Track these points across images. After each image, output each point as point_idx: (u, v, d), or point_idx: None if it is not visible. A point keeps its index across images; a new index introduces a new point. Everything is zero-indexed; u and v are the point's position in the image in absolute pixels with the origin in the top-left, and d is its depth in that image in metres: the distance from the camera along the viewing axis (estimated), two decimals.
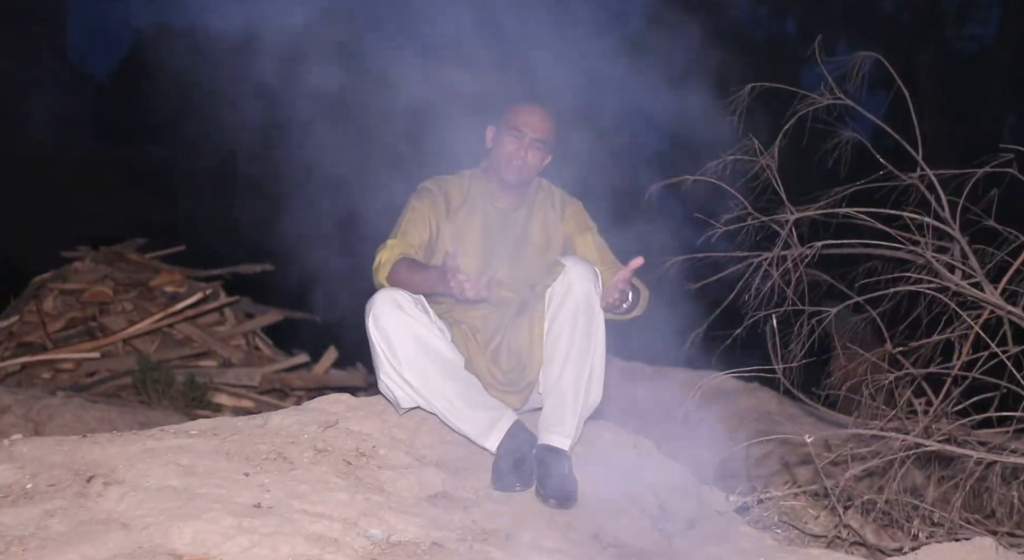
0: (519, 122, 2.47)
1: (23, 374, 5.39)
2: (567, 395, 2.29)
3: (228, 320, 6.18)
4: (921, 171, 2.90)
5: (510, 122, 2.48)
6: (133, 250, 6.53)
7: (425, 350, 2.26)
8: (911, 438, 2.60)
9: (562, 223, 2.57)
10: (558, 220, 2.57)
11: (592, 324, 2.30)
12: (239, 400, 5.40)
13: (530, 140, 2.46)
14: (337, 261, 5.12)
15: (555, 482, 2.18)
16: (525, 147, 2.46)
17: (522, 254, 2.52)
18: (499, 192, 2.54)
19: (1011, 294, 2.83)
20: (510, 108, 2.51)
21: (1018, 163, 2.79)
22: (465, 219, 2.51)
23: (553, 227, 2.56)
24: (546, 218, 2.57)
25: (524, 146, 2.46)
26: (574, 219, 2.58)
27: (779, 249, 2.97)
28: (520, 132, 2.46)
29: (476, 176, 2.58)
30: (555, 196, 2.61)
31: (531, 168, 2.49)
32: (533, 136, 2.46)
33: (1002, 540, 2.38)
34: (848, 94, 2.92)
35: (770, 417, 4.35)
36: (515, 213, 2.55)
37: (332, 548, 1.80)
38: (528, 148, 2.46)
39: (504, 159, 2.47)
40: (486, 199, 2.54)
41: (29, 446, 2.05)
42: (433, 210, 2.48)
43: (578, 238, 2.56)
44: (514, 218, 2.55)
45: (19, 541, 1.70)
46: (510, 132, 2.47)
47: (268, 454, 2.15)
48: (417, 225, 2.45)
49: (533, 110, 2.48)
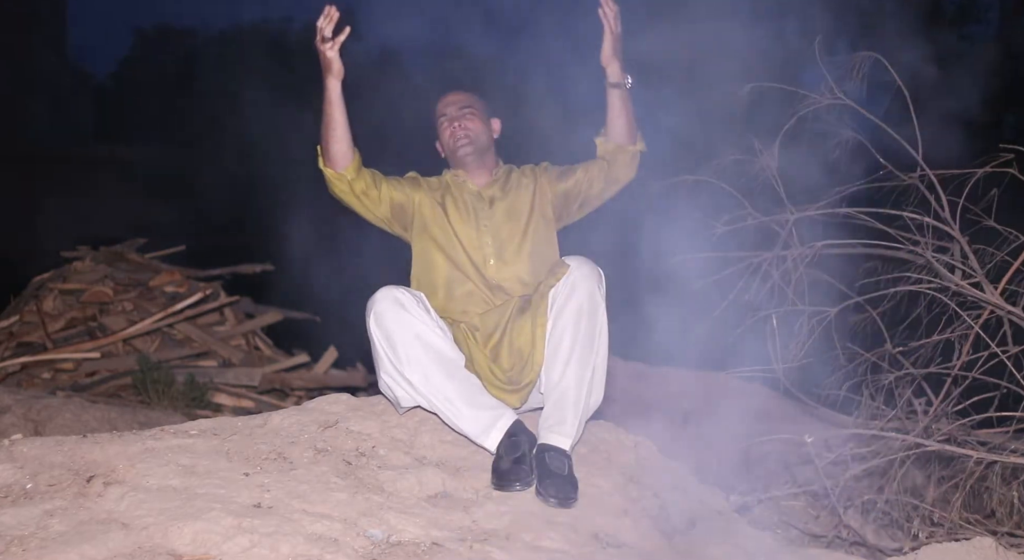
0: (440, 109, 2.64)
1: (23, 374, 5.39)
2: (569, 395, 2.28)
3: (228, 320, 6.18)
4: (921, 171, 2.91)
5: (435, 115, 2.65)
6: (133, 250, 6.53)
7: (426, 349, 2.26)
8: (911, 438, 2.60)
9: (536, 182, 2.63)
10: (532, 182, 2.64)
11: (595, 325, 2.30)
12: (239, 400, 5.40)
13: (458, 112, 2.60)
14: (337, 260, 5.12)
15: (555, 482, 2.17)
16: (457, 119, 2.60)
17: (511, 227, 2.57)
18: (468, 176, 2.64)
19: (1011, 294, 2.83)
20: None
21: (1018, 163, 2.79)
22: (444, 204, 2.58)
23: (528, 192, 2.62)
24: (520, 186, 2.63)
25: (455, 119, 2.60)
26: (548, 173, 2.66)
27: (779, 249, 2.97)
28: (444, 114, 2.62)
29: (447, 174, 2.69)
30: (525, 169, 2.70)
31: (477, 134, 2.61)
32: (455, 109, 2.61)
33: (1002, 540, 2.38)
34: (848, 94, 2.92)
35: (770, 417, 4.35)
36: (489, 191, 2.63)
37: (332, 548, 1.80)
38: (459, 120, 2.60)
39: (450, 142, 2.61)
40: (459, 186, 2.64)
41: (29, 446, 2.05)
42: (414, 185, 2.60)
43: (558, 180, 2.63)
44: (491, 195, 2.62)
45: (19, 541, 1.70)
46: (438, 121, 2.63)
47: (268, 454, 2.15)
48: (395, 178, 2.60)
49: (445, 94, 2.66)
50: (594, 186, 2.60)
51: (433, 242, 2.55)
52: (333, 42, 2.34)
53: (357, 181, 2.49)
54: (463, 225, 2.55)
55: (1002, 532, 2.61)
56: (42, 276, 6.22)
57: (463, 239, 2.53)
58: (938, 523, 2.59)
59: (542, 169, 2.68)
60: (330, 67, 2.36)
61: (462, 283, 2.51)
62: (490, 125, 2.66)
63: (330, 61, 2.35)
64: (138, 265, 6.34)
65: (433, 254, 2.54)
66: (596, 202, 2.65)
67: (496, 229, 2.55)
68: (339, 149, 2.43)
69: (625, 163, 2.57)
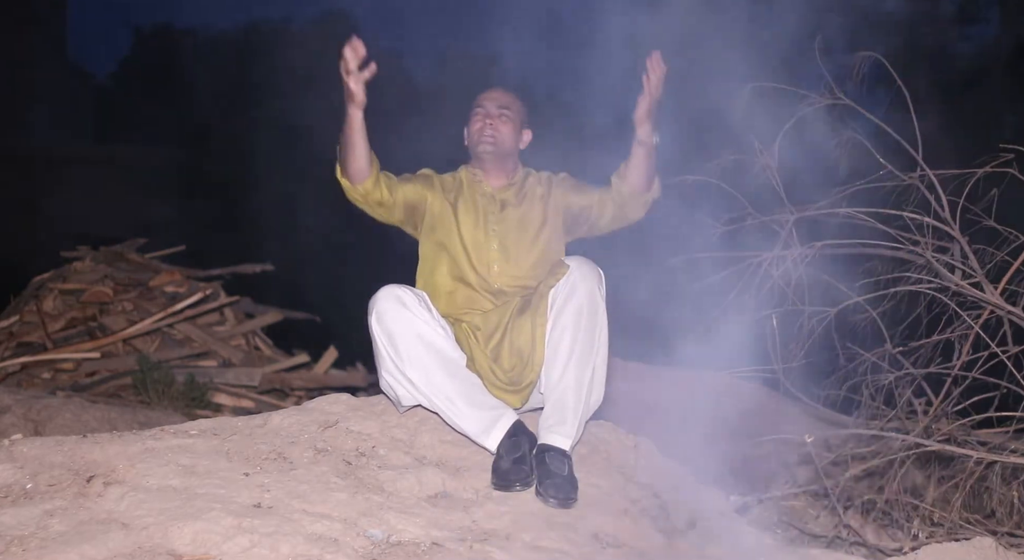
0: (480, 100, 2.60)
1: (23, 374, 5.39)
2: (568, 395, 2.28)
3: (228, 320, 6.19)
4: (921, 171, 2.91)
5: (473, 104, 2.61)
6: (133, 250, 6.53)
7: (427, 348, 2.26)
8: (911, 438, 2.60)
9: (551, 194, 2.62)
10: (547, 193, 2.63)
11: (595, 325, 2.30)
12: (239, 400, 5.40)
13: (495, 110, 2.57)
14: (337, 260, 5.12)
15: (555, 482, 2.17)
16: (492, 117, 2.56)
17: (520, 235, 2.56)
18: (485, 176, 2.62)
19: (1011, 294, 2.83)
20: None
21: (1018, 163, 2.79)
22: (456, 202, 2.57)
23: (543, 202, 2.61)
24: (534, 195, 2.62)
25: (490, 116, 2.56)
26: (563, 184, 2.65)
27: (779, 249, 2.97)
28: (482, 106, 2.58)
29: (464, 170, 2.67)
30: (542, 176, 2.68)
31: (504, 137, 2.57)
32: (495, 106, 2.57)
33: (1002, 540, 2.38)
34: (848, 94, 2.92)
35: (770, 417, 4.35)
36: (503, 194, 2.61)
37: (332, 548, 1.80)
38: (495, 118, 2.56)
39: (476, 136, 2.57)
40: (474, 186, 2.62)
41: (29, 446, 2.05)
42: (427, 183, 2.58)
43: (573, 194, 2.62)
44: (502, 199, 2.60)
45: (19, 541, 1.70)
46: (474, 113, 2.60)
47: (268, 454, 2.15)
48: (408, 178, 2.57)
49: (491, 89, 2.62)
50: (603, 218, 2.61)
51: (439, 244, 2.54)
52: (358, 75, 2.28)
53: (373, 192, 2.47)
54: (471, 228, 2.54)
55: (1002, 532, 2.61)
56: (42, 276, 6.22)
57: (469, 243, 2.52)
58: (938, 523, 2.59)
59: (560, 179, 2.66)
60: (353, 98, 2.31)
61: (464, 287, 2.50)
62: (520, 134, 2.62)
63: (353, 93, 2.30)
64: (138, 265, 6.35)
65: (438, 256, 2.54)
66: (602, 231, 2.65)
67: (504, 234, 2.54)
68: (358, 166, 2.42)
69: (637, 206, 2.58)
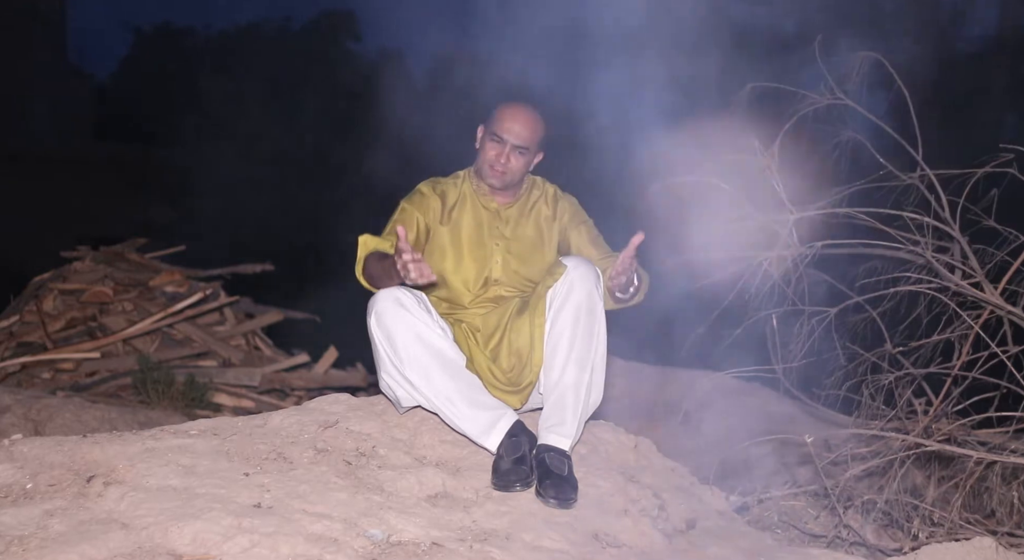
0: (501, 128, 2.43)
1: (23, 374, 5.39)
2: (568, 395, 2.28)
3: (228, 320, 6.18)
4: (921, 171, 2.91)
5: (492, 126, 2.44)
6: (133, 250, 6.53)
7: (427, 349, 2.26)
8: (911, 438, 2.60)
9: (556, 219, 2.57)
10: (552, 216, 2.57)
11: (594, 325, 2.30)
12: (239, 400, 5.40)
13: (511, 147, 2.43)
14: (337, 259, 5.11)
15: (555, 482, 2.18)
16: (506, 154, 2.43)
17: (517, 252, 2.52)
18: (490, 192, 2.54)
19: (1011, 294, 2.83)
20: (497, 108, 2.48)
21: (1018, 163, 2.79)
22: (458, 220, 2.51)
23: (547, 223, 2.57)
24: (539, 215, 2.57)
25: (505, 152, 2.43)
26: (568, 213, 2.58)
27: (779, 249, 2.97)
28: (500, 139, 2.43)
29: (469, 176, 2.58)
30: (548, 193, 2.61)
31: (515, 173, 2.47)
32: (514, 143, 2.42)
33: (1002, 540, 2.38)
34: (848, 94, 2.93)
35: (770, 417, 4.35)
36: (507, 211, 2.55)
37: (332, 548, 1.80)
38: (509, 154, 2.43)
39: (487, 164, 2.46)
40: (477, 199, 2.55)
41: (29, 446, 2.05)
42: (424, 212, 2.48)
43: (573, 232, 2.56)
44: (507, 216, 2.55)
45: (19, 541, 1.70)
46: (491, 138, 2.44)
47: (268, 454, 2.15)
48: (407, 215, 2.47)
49: (516, 115, 2.43)
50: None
51: (440, 258, 2.50)
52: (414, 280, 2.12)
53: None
54: (472, 244, 2.49)
55: (1002, 532, 2.61)
56: (42, 276, 6.22)
57: (468, 255, 2.49)
58: (938, 523, 2.59)
59: (568, 204, 2.59)
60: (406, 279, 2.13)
61: (462, 296, 2.49)
62: (532, 160, 2.50)
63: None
64: (138, 265, 6.35)
65: (438, 267, 2.50)
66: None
67: (506, 248, 2.51)
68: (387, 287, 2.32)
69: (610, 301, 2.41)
